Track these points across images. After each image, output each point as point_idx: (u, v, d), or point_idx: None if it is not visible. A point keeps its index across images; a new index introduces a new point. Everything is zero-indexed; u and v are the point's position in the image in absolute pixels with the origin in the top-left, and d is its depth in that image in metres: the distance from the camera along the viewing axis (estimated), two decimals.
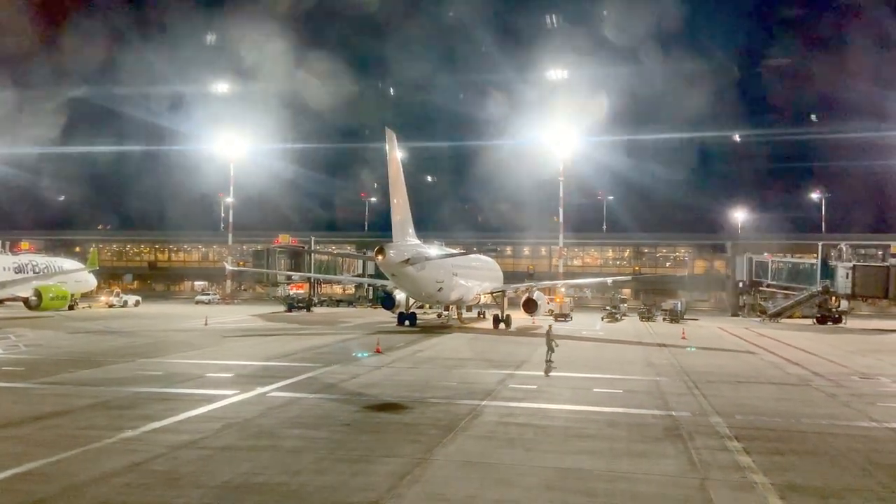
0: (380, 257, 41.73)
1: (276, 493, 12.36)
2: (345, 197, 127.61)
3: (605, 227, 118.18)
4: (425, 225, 47.74)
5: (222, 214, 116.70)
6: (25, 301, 60.02)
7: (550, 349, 28.72)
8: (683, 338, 45.01)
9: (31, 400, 21.06)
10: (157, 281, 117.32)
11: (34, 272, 63.28)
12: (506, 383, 25.21)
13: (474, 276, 52.59)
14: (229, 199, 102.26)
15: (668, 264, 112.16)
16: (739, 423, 18.38)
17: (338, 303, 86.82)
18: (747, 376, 28.10)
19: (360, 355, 32.67)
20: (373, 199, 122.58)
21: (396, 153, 45.25)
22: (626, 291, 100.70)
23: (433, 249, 48.78)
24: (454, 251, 51.82)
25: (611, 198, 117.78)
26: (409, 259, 42.52)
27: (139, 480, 12.95)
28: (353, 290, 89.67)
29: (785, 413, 20.24)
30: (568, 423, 18.25)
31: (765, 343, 43.33)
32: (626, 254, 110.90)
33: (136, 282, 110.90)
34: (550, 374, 27.18)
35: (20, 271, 62.07)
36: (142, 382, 24.24)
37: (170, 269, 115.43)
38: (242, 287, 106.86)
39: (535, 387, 24.39)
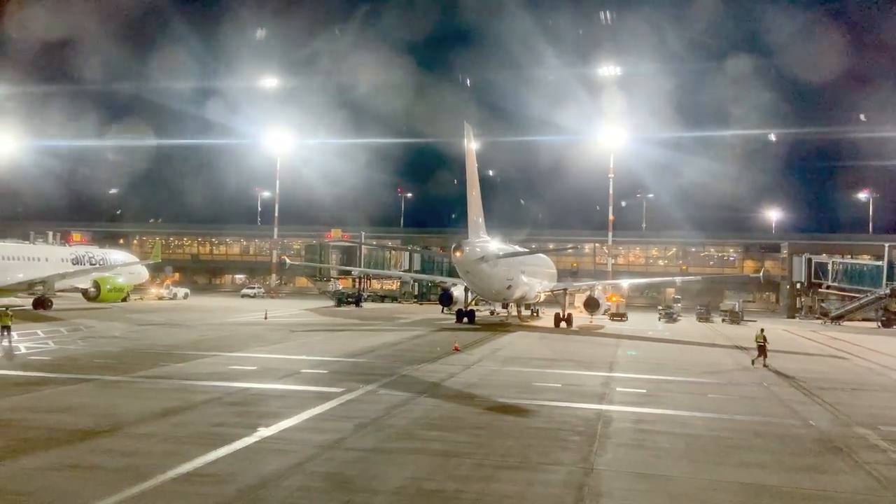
0: (457, 254, 41.23)
1: (461, 502, 11.78)
2: (381, 192, 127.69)
3: (643, 225, 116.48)
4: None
5: (259, 209, 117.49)
6: (84, 292, 60.56)
7: (763, 355, 30.30)
8: None
9: (143, 395, 20.82)
10: (199, 274, 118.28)
11: (90, 264, 63.93)
12: (611, 386, 24.46)
13: (537, 274, 51.84)
14: (266, 193, 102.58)
15: (710, 263, 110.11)
16: (892, 436, 17.39)
17: (382, 298, 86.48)
18: (857, 383, 26.95)
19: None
20: (409, 195, 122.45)
21: (473, 148, 44.61)
22: (670, 291, 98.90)
23: (501, 246, 48.07)
24: (521, 249, 51.03)
25: (650, 196, 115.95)
26: (483, 256, 41.97)
27: (311, 483, 12.49)
28: (398, 285, 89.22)
29: None
30: (711, 432, 17.42)
31: (845, 347, 41.84)
32: (670, 253, 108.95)
33: (177, 274, 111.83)
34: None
35: (77, 262, 62.76)
36: (241, 378, 23.97)
37: (212, 262, 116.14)
38: (283, 281, 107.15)
39: (644, 391, 23.58)
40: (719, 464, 14.52)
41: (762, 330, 31.61)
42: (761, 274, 56.73)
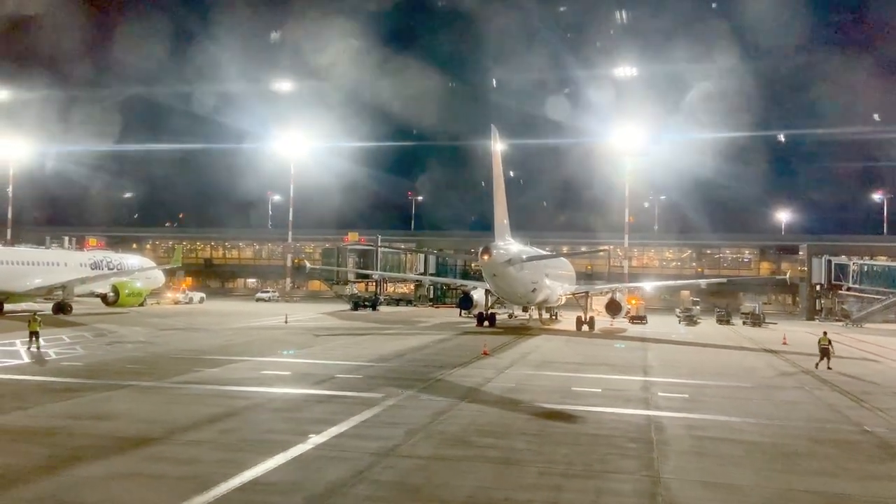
0: (485, 257, 41.05)
1: None
2: (393, 195, 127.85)
3: (655, 227, 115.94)
4: (483, 223, 46.25)
5: (270, 212, 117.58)
6: (103, 297, 60.53)
7: (828, 357, 30.35)
8: (785, 343, 43.31)
9: (183, 401, 20.64)
10: (212, 278, 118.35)
11: (108, 268, 63.97)
12: (651, 391, 24.15)
13: (559, 277, 51.58)
14: (277, 197, 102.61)
15: (725, 265, 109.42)
16: None
17: (397, 302, 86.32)
18: None
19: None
20: (419, 198, 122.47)
21: (499, 150, 44.37)
22: (685, 293, 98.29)
23: (524, 248, 47.81)
24: (544, 252, 50.72)
25: (662, 198, 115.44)
26: (510, 259, 41.78)
27: (377, 493, 12.25)
28: (413, 288, 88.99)
29: None
30: (766, 439, 17.09)
31: (874, 350, 41.39)
32: (685, 255, 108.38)
33: (189, 278, 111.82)
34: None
35: (96, 267, 62.84)
36: (278, 383, 23.79)
37: (225, 266, 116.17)
38: (297, 285, 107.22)
39: (686, 395, 23.26)
40: (785, 472, 14.20)
41: (825, 333, 31.40)
42: (787, 276, 56.23)
